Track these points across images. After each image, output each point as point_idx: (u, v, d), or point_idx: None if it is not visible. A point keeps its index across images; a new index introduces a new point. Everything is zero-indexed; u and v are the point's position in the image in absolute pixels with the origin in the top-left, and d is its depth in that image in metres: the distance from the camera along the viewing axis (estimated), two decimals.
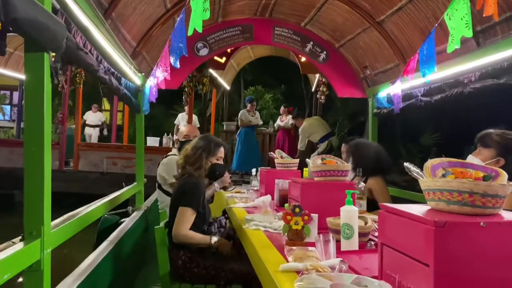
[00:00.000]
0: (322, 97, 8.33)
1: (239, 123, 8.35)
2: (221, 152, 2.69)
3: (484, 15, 2.05)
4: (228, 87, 11.36)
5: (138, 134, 4.47)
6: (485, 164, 2.14)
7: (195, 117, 9.41)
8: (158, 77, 3.35)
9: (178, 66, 2.82)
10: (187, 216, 2.42)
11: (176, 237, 2.42)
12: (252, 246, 1.93)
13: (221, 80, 10.34)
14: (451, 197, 1.13)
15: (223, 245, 2.51)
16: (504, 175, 1.17)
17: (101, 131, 11.57)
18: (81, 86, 8.79)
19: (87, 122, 11.21)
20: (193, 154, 2.60)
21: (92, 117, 11.45)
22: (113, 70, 3.01)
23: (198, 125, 9.33)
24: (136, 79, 3.95)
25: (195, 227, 2.46)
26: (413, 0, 3.65)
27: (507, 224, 1.07)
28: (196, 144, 2.66)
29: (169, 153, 3.73)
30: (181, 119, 9.22)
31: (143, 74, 4.11)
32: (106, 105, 14.86)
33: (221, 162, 2.71)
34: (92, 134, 11.28)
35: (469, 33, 2.26)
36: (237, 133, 8.32)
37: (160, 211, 3.32)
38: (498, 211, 1.14)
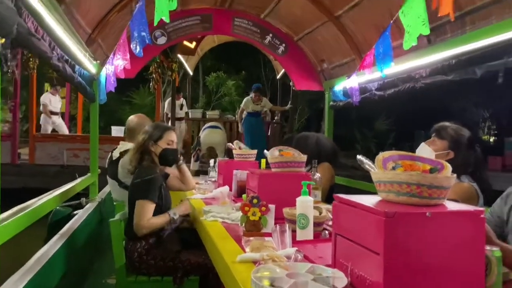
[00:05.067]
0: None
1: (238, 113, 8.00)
2: (171, 135, 2.64)
3: (439, 15, 2.14)
4: (191, 73, 11.14)
5: (92, 124, 4.35)
6: (436, 154, 2.29)
7: (183, 101, 9.10)
8: (117, 65, 3.24)
9: (142, 55, 2.75)
10: (146, 208, 2.39)
11: (139, 231, 2.39)
12: (210, 237, 1.94)
13: (186, 65, 10.14)
14: (400, 189, 1.19)
15: (183, 208, 2.59)
16: (449, 167, 1.24)
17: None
18: (35, 71, 8.22)
19: (49, 108, 9.19)
20: (141, 142, 2.57)
21: (55, 102, 9.40)
22: (66, 57, 2.90)
23: (187, 110, 9.08)
24: (91, 67, 3.82)
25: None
26: None
27: (451, 214, 1.14)
28: (143, 132, 2.64)
29: (121, 149, 3.22)
30: (166, 106, 8.78)
31: (98, 62, 3.98)
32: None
33: (173, 146, 2.66)
34: (58, 123, 9.39)
35: (426, 31, 2.34)
36: (242, 122, 7.85)
37: (114, 203, 3.24)
38: (443, 201, 1.21)
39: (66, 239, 2.74)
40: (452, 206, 1.20)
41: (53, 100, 9.31)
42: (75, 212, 3.82)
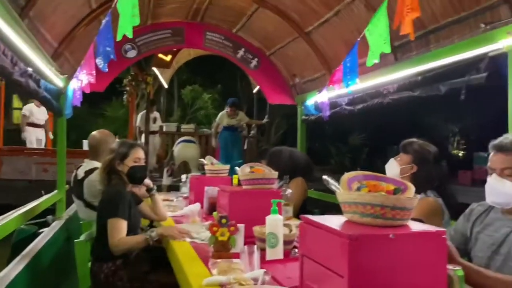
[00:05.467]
0: None
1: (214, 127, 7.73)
2: (138, 152, 2.58)
3: (400, 34, 2.20)
4: (166, 85, 11.01)
5: (59, 138, 4.24)
6: (401, 168, 2.34)
7: (157, 114, 8.81)
8: (82, 80, 3.18)
9: (107, 70, 2.72)
10: (118, 226, 2.32)
11: (114, 250, 2.30)
12: (177, 258, 1.90)
13: (161, 78, 10.01)
14: (365, 210, 1.20)
15: (166, 231, 2.37)
16: (412, 188, 1.26)
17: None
18: (3, 82, 7.85)
19: (31, 120, 8.23)
20: (108, 162, 2.51)
21: (39, 113, 8.29)
22: (30, 72, 2.82)
23: (161, 123, 8.87)
24: (58, 81, 3.73)
25: None
26: (339, 14, 3.83)
27: (413, 235, 1.16)
28: (110, 150, 2.58)
29: (86, 167, 3.09)
30: (139, 120, 8.45)
31: (66, 76, 3.90)
32: (16, 103, 11.44)
33: (141, 163, 2.61)
34: (42, 138, 8.51)
35: (387, 49, 2.41)
36: (217, 137, 7.62)
37: (81, 222, 3.14)
38: (406, 222, 1.22)
39: (29, 259, 2.62)
40: (415, 226, 1.21)
41: (35, 112, 8.36)
42: (40, 231, 3.69)
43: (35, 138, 8.42)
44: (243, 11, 4.69)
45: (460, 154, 17.51)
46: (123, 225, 2.34)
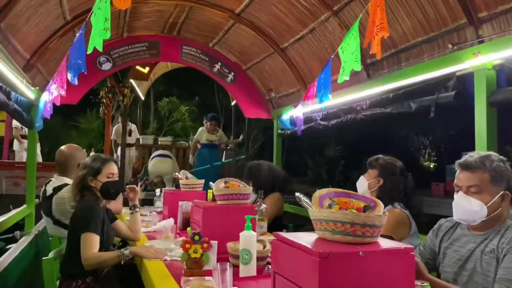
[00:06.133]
0: None
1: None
2: (111, 168, 2.54)
3: (370, 53, 2.26)
4: (143, 97, 10.86)
5: (29, 151, 4.15)
6: (369, 183, 2.41)
7: (134, 126, 8.55)
8: (53, 93, 3.13)
9: (76, 83, 2.67)
10: (90, 240, 2.27)
11: (86, 265, 2.24)
12: (149, 276, 1.87)
13: (137, 90, 9.86)
14: (335, 227, 1.21)
15: (141, 251, 2.28)
16: (381, 206, 1.28)
17: None
18: None
19: (23, 132, 7.82)
20: (80, 178, 2.46)
21: None
22: (0, 83, 2.76)
23: (138, 136, 8.55)
24: (30, 93, 3.66)
25: None
26: (313, 32, 3.91)
27: (382, 253, 1.18)
28: (81, 167, 2.53)
29: (54, 183, 3.00)
30: (114, 133, 8.12)
31: (38, 88, 3.83)
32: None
33: (114, 178, 2.57)
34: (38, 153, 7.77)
35: (357, 67, 2.46)
36: (194, 156, 7.18)
37: (50, 238, 3.06)
38: (376, 239, 1.24)
39: None
40: (384, 244, 1.23)
41: None
42: (8, 247, 3.57)
43: (24, 151, 7.90)
44: (219, 26, 4.73)
45: (431, 166, 17.96)
46: (95, 239, 2.29)
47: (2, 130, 9.70)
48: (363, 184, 2.47)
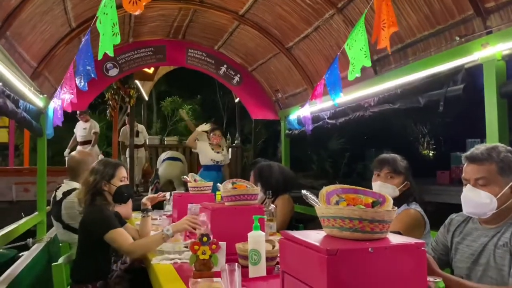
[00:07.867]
0: None
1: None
2: (123, 171, 2.55)
3: (378, 48, 2.23)
4: (147, 98, 10.87)
5: (39, 159, 4.17)
6: (398, 189, 2.28)
7: (141, 127, 8.48)
8: (63, 99, 3.14)
9: (87, 89, 2.69)
10: (121, 234, 2.28)
11: (135, 256, 2.31)
12: (158, 279, 1.86)
13: (142, 90, 9.88)
14: (343, 224, 1.19)
15: (181, 226, 2.34)
16: (390, 201, 1.25)
17: None
18: None
19: None
20: (93, 183, 2.45)
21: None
22: (8, 92, 2.78)
23: (147, 137, 8.48)
24: (38, 101, 3.69)
25: (98, 259, 2.32)
26: (318, 30, 3.88)
27: (392, 248, 1.14)
28: (92, 171, 2.51)
29: (64, 188, 3.03)
30: (121, 134, 8.07)
31: (45, 95, 3.86)
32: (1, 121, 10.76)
33: (125, 182, 2.57)
34: None
35: (367, 63, 2.43)
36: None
37: (60, 244, 3.06)
38: (385, 235, 1.21)
39: (6, 285, 2.54)
40: (394, 239, 1.20)
41: None
42: (20, 254, 3.59)
43: None
44: (224, 28, 4.73)
45: (430, 154, 17.85)
46: (123, 232, 2.32)
47: (5, 136, 9.78)
48: (391, 190, 2.28)
